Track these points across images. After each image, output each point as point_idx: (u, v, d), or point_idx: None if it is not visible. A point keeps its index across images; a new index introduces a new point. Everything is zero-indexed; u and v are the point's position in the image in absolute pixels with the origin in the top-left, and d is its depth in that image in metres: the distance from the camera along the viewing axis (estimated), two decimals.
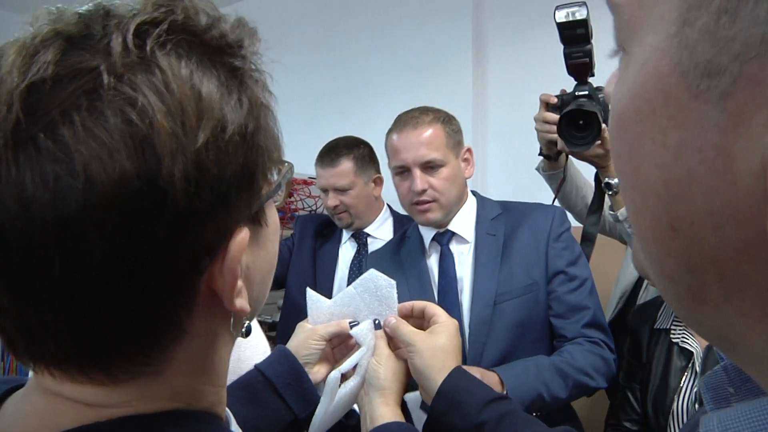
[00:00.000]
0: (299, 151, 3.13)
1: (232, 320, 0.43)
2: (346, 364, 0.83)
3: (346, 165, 1.96)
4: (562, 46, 1.24)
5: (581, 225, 1.52)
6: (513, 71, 2.68)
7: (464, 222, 1.41)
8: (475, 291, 1.33)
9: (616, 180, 1.35)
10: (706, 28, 0.21)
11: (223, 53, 0.39)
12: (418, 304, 0.89)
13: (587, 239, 1.46)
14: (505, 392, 1.13)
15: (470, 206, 1.44)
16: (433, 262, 1.41)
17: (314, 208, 2.31)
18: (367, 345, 0.84)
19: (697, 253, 0.24)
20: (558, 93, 1.43)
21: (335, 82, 3.10)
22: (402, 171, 1.39)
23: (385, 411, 0.79)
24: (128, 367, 0.37)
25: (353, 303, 0.89)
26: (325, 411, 0.81)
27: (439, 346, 0.81)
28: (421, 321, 0.88)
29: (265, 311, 2.22)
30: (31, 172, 0.32)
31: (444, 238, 1.40)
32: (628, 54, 0.26)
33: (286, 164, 0.46)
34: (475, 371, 1.04)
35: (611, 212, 1.40)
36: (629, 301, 1.77)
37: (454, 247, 1.40)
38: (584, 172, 1.63)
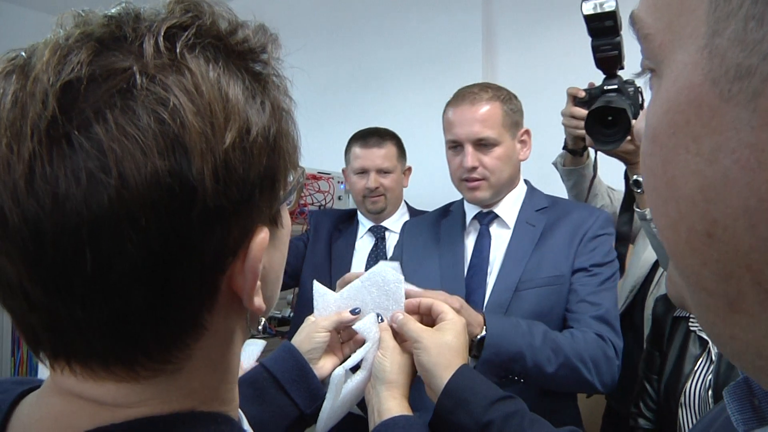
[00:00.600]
0: (307, 146, 3.14)
1: (248, 318, 0.44)
2: (351, 361, 0.82)
3: (392, 149, 2.01)
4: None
5: None
6: (523, 65, 2.66)
7: (510, 207, 1.40)
8: (499, 276, 1.31)
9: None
10: (735, 35, 0.23)
11: (247, 58, 0.40)
12: (425, 301, 0.88)
13: (621, 238, 1.44)
14: (483, 332, 1.07)
15: (519, 193, 1.42)
16: (470, 240, 1.40)
17: (323, 203, 2.30)
18: (371, 339, 0.84)
19: (732, 258, 0.24)
20: (586, 87, 1.41)
21: (343, 76, 3.10)
22: (455, 146, 1.37)
23: (392, 405, 0.78)
24: (151, 365, 0.38)
25: (360, 296, 0.88)
26: (331, 407, 0.81)
27: (446, 344, 0.81)
28: (427, 318, 0.87)
29: (275, 306, 2.22)
30: (65, 168, 0.33)
31: (486, 218, 1.39)
32: (659, 76, 0.28)
33: (300, 169, 0.47)
34: (454, 301, 0.96)
35: (637, 210, 1.38)
36: (638, 296, 1.76)
37: (494, 229, 1.38)
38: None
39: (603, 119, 1.26)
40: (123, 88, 0.34)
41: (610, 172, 1.47)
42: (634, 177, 1.35)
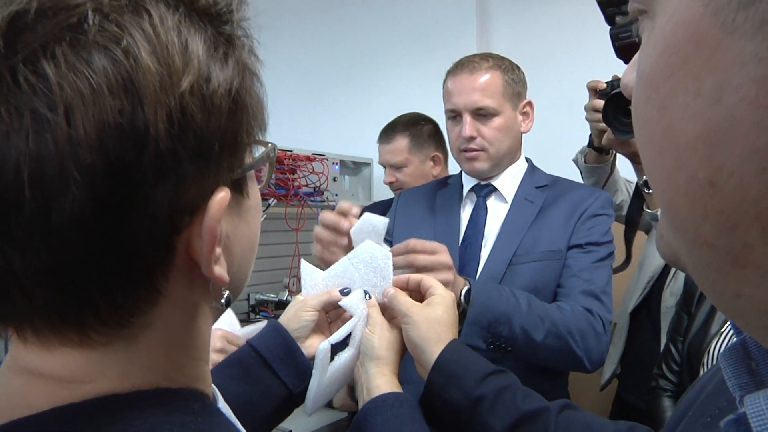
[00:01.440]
0: (302, 127, 3.13)
1: (210, 289, 0.41)
2: (336, 335, 0.80)
3: (401, 142, 1.98)
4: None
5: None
6: (518, 46, 2.62)
7: (509, 182, 1.37)
8: (494, 248, 1.29)
9: None
10: None
11: (211, 15, 0.39)
12: (414, 276, 0.86)
13: (630, 223, 1.43)
14: (467, 287, 1.06)
15: (520, 168, 1.40)
16: (466, 212, 1.38)
17: (317, 184, 2.28)
18: (358, 315, 0.82)
19: (737, 207, 0.23)
20: (609, 79, 1.37)
21: (337, 57, 3.06)
22: (454, 116, 1.35)
23: (381, 381, 0.76)
24: (104, 329, 0.36)
25: (347, 274, 0.86)
26: (318, 384, 0.79)
27: (435, 318, 0.79)
28: (416, 294, 0.85)
29: (270, 290, 2.21)
30: (8, 104, 0.31)
31: (483, 190, 1.37)
32: (652, 17, 0.26)
33: (270, 145, 0.46)
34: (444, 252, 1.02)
35: (648, 210, 1.37)
36: (655, 288, 1.74)
37: (491, 202, 1.36)
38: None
39: (623, 108, 1.23)
40: (74, 23, 0.32)
41: (628, 164, 1.44)
42: (644, 178, 1.32)
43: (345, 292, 0.85)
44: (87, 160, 0.31)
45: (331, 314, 0.90)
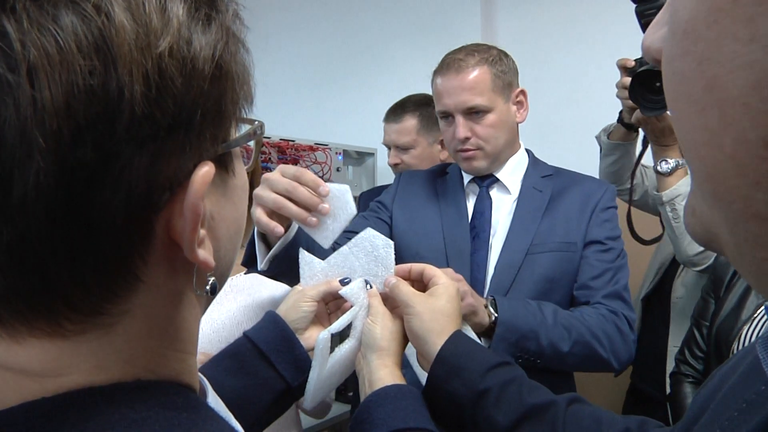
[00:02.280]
0: (304, 117, 3.10)
1: (195, 275, 0.38)
2: (336, 325, 0.78)
3: (410, 122, 1.89)
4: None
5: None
6: (523, 35, 2.59)
7: (512, 173, 1.35)
8: (509, 237, 1.26)
9: (673, 161, 1.37)
10: None
11: None
12: (417, 266, 0.83)
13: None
14: (494, 318, 1.07)
15: (521, 159, 1.37)
16: (470, 202, 1.36)
17: (320, 174, 2.25)
18: (359, 304, 0.79)
19: None
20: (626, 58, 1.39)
21: (340, 47, 3.03)
22: (446, 116, 1.33)
23: (384, 373, 0.73)
24: (75, 317, 0.33)
25: (347, 263, 0.83)
26: (318, 376, 0.76)
27: (438, 309, 0.76)
28: (419, 285, 0.82)
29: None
30: None
31: (486, 181, 1.34)
32: None
33: (257, 122, 0.43)
34: (463, 283, 1.01)
35: (656, 193, 1.38)
36: (667, 275, 1.72)
37: (494, 193, 1.34)
38: None
39: (650, 85, 1.22)
40: None
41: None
42: (661, 160, 1.35)
43: (345, 282, 0.82)
44: (53, 125, 0.28)
45: (331, 305, 0.87)
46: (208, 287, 0.39)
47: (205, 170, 0.34)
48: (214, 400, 0.46)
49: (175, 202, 0.34)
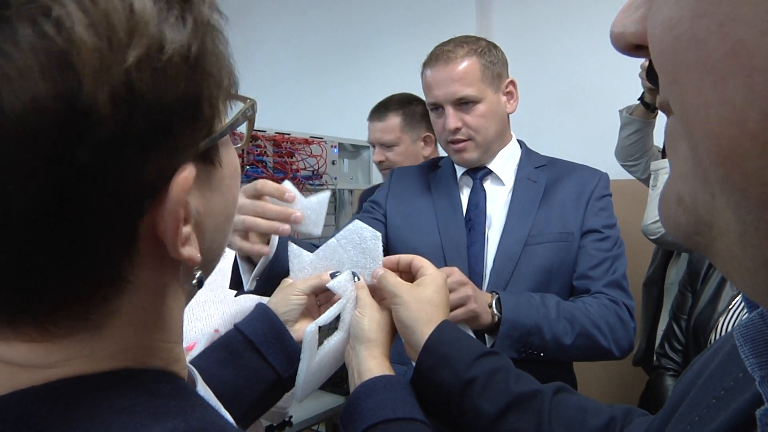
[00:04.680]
0: (299, 110, 3.09)
1: (181, 270, 0.38)
2: (324, 317, 0.78)
3: (393, 120, 1.95)
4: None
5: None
6: (518, 29, 2.58)
7: (504, 164, 1.35)
8: (506, 229, 1.27)
9: None
10: None
11: None
12: (405, 257, 0.84)
13: None
14: (498, 318, 1.08)
15: (513, 150, 1.38)
16: (464, 194, 1.36)
17: (316, 167, 2.25)
18: (347, 297, 0.79)
19: None
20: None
21: (335, 40, 3.02)
22: (435, 108, 1.33)
23: (372, 365, 0.74)
24: (63, 321, 0.34)
25: (336, 256, 0.84)
26: (307, 368, 0.77)
27: (426, 299, 0.77)
28: (407, 276, 0.83)
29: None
30: None
31: (479, 173, 1.35)
32: None
33: (249, 101, 0.42)
34: (468, 287, 1.03)
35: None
36: (660, 263, 1.76)
37: (488, 185, 1.34)
38: None
39: None
40: None
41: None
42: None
43: (335, 276, 0.83)
44: (19, 151, 0.28)
45: (321, 298, 0.87)
46: (195, 281, 0.40)
47: (183, 176, 0.34)
48: (204, 389, 0.46)
49: (158, 204, 0.34)
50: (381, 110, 1.99)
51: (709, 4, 0.20)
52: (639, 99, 1.67)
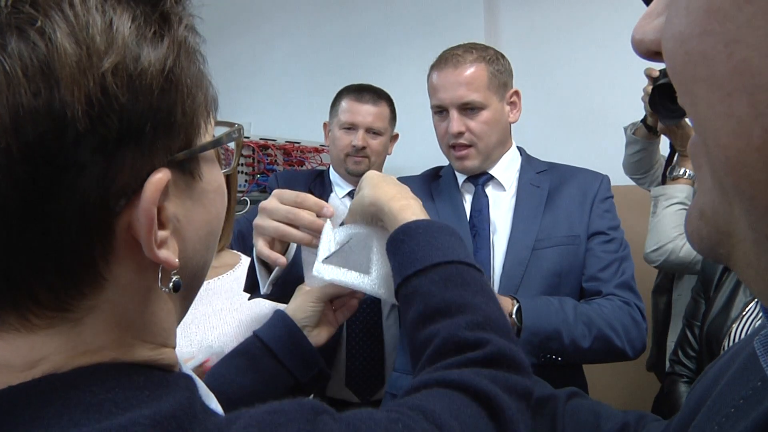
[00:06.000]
0: (309, 118, 3.11)
1: (159, 273, 0.40)
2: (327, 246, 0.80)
3: (386, 109, 1.87)
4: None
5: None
6: (526, 36, 2.59)
7: (506, 169, 1.36)
8: (513, 234, 1.28)
9: (682, 170, 1.49)
10: None
11: None
12: None
13: None
14: (517, 305, 1.10)
15: (514, 156, 1.39)
16: (466, 201, 1.37)
17: None
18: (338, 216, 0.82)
19: None
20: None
21: (342, 46, 3.04)
22: (440, 111, 1.34)
23: (408, 214, 0.71)
24: (43, 312, 0.36)
25: (351, 262, 0.85)
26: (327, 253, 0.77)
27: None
28: None
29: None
30: None
31: (481, 179, 1.36)
32: None
33: (236, 125, 0.45)
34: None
35: (653, 188, 1.51)
36: (669, 274, 1.77)
37: (490, 191, 1.35)
38: None
39: (671, 95, 1.29)
40: None
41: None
42: (672, 165, 1.45)
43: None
44: (2, 143, 0.31)
45: (336, 303, 0.89)
46: (171, 285, 0.41)
47: (158, 177, 0.36)
48: (206, 395, 0.46)
49: (133, 206, 0.36)
50: (373, 94, 1.86)
51: (715, 23, 0.21)
52: (641, 121, 1.68)
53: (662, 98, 1.29)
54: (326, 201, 0.85)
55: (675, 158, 1.57)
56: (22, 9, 0.32)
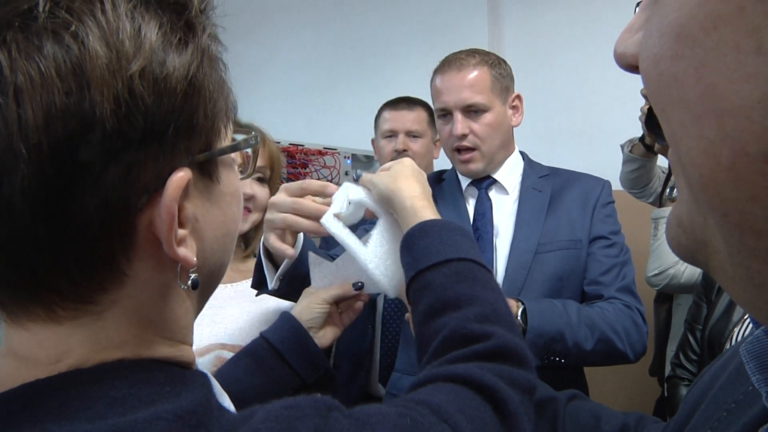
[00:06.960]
0: (312, 121, 3.12)
1: (178, 270, 0.42)
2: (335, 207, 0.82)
3: (422, 113, 1.94)
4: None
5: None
6: (530, 38, 2.61)
7: (508, 173, 1.38)
8: (516, 238, 1.29)
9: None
10: None
11: (169, 3, 0.39)
12: None
13: None
14: (522, 307, 1.11)
15: (517, 160, 1.41)
16: (469, 205, 1.38)
17: (329, 178, 2.29)
18: (343, 195, 0.83)
19: None
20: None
21: (347, 51, 3.06)
22: (444, 114, 1.35)
23: (428, 212, 0.74)
24: (67, 304, 0.37)
25: (355, 264, 0.86)
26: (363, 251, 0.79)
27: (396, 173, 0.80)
28: None
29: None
30: None
31: (484, 183, 1.37)
32: None
33: (253, 132, 0.46)
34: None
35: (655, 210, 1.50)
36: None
37: (493, 194, 1.37)
38: None
39: None
40: (24, 10, 0.34)
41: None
42: (671, 186, 1.46)
43: (357, 287, 0.86)
44: (35, 139, 0.33)
45: (342, 305, 0.91)
46: (189, 282, 0.42)
47: (180, 176, 0.38)
48: (220, 392, 0.47)
49: (155, 204, 0.38)
50: (406, 103, 1.96)
51: (685, 47, 0.22)
52: (639, 139, 1.68)
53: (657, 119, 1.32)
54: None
55: (673, 178, 1.58)
56: (58, 14, 0.34)
